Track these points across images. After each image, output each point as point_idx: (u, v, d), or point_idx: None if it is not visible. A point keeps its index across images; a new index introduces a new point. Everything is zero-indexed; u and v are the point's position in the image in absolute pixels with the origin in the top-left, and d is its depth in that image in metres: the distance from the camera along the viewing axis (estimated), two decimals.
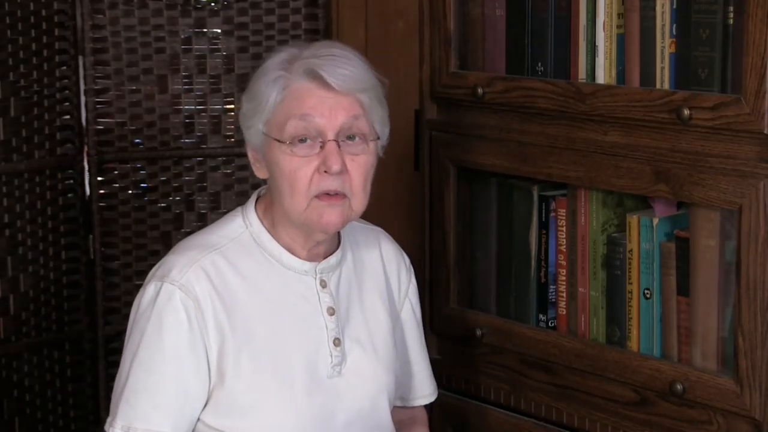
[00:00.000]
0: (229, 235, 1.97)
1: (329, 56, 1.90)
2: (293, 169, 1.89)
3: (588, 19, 2.20)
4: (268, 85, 1.91)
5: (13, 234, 2.73)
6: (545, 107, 2.25)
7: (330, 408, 1.96)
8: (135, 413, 1.89)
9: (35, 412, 2.81)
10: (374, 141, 1.94)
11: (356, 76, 1.90)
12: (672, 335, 2.17)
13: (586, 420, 2.29)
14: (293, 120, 1.88)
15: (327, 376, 1.96)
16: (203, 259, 1.92)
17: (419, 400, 2.20)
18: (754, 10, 1.93)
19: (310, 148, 1.89)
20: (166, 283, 1.90)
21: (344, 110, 1.89)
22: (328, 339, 1.97)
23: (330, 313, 1.98)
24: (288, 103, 1.90)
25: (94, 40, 2.77)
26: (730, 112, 1.98)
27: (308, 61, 1.90)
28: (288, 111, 1.89)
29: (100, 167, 2.81)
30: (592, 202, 2.26)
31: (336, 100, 1.89)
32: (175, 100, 2.85)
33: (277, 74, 1.91)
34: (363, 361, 2.01)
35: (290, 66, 1.91)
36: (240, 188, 2.88)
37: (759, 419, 2.02)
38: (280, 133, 1.89)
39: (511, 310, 2.42)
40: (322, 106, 1.88)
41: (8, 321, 2.74)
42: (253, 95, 1.94)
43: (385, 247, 2.13)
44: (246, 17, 2.85)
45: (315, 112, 1.88)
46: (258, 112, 1.92)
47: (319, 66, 1.89)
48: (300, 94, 1.89)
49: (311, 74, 1.89)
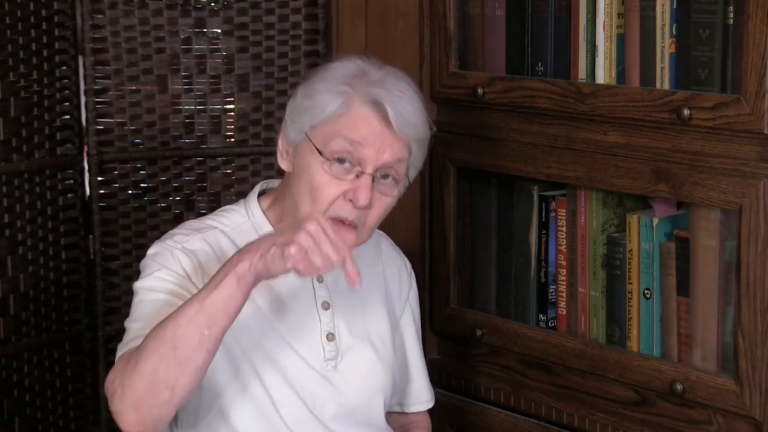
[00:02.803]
0: (230, 224, 1.98)
1: (398, 92, 1.89)
2: (322, 184, 1.88)
3: (588, 19, 2.20)
4: (330, 94, 1.89)
5: (13, 234, 2.72)
6: (545, 107, 2.25)
7: (321, 401, 1.95)
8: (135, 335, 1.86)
9: (35, 412, 2.81)
10: (403, 185, 1.94)
11: (416, 124, 1.91)
12: (672, 335, 2.17)
13: (586, 420, 2.29)
14: (341, 140, 1.87)
15: (320, 370, 1.96)
16: (208, 234, 1.95)
17: (417, 405, 2.20)
18: (754, 10, 1.93)
19: (346, 172, 1.88)
20: (168, 241, 1.94)
21: (393, 150, 1.88)
22: (321, 333, 1.97)
23: (324, 307, 1.98)
24: (343, 121, 1.88)
25: (94, 40, 2.77)
26: (730, 112, 1.98)
27: (375, 91, 1.88)
28: (339, 129, 1.88)
29: (100, 167, 2.81)
30: (592, 202, 2.27)
31: (389, 138, 1.88)
32: (175, 100, 2.85)
33: (342, 88, 1.89)
34: (362, 357, 2.01)
35: (359, 83, 1.89)
36: (240, 188, 2.88)
37: (759, 419, 2.02)
38: (323, 145, 1.88)
39: (511, 310, 2.42)
40: (374, 138, 1.87)
41: (8, 321, 2.73)
42: (312, 95, 1.91)
43: (386, 251, 2.13)
44: (246, 17, 2.85)
45: (365, 142, 1.87)
46: (310, 113, 1.90)
47: (386, 100, 1.87)
48: (357, 118, 1.88)
49: (376, 105, 1.88)
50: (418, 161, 1.96)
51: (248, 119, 2.86)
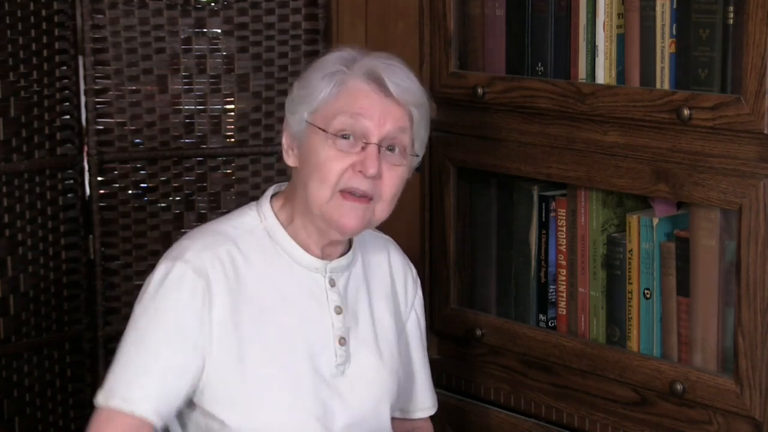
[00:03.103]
0: (243, 227, 1.98)
1: (391, 65, 1.93)
2: (328, 158, 1.89)
3: (588, 19, 2.20)
4: (324, 77, 1.92)
5: (13, 234, 2.72)
6: (545, 107, 2.25)
7: (332, 407, 1.95)
8: (118, 385, 1.88)
9: (35, 412, 2.81)
10: (413, 156, 1.96)
11: (413, 89, 1.94)
12: (672, 335, 2.17)
13: (586, 420, 2.29)
14: (342, 116, 1.89)
15: (330, 375, 1.96)
16: (219, 248, 1.93)
17: (419, 412, 2.19)
18: (754, 10, 1.93)
19: (351, 146, 1.90)
20: (179, 262, 1.91)
21: (394, 119, 1.91)
22: (333, 337, 1.97)
23: (337, 312, 1.98)
24: (341, 98, 1.91)
25: (94, 40, 2.77)
26: (730, 112, 1.98)
27: (371, 62, 1.92)
28: (339, 106, 1.90)
29: (100, 167, 2.81)
30: (592, 202, 2.27)
31: (389, 107, 1.91)
32: (175, 100, 2.84)
33: (336, 68, 1.92)
34: (368, 363, 2.01)
35: (351, 64, 1.93)
36: (240, 188, 2.88)
37: (759, 419, 2.02)
38: (326, 124, 1.90)
39: (511, 310, 2.42)
40: (374, 109, 1.90)
41: (8, 321, 2.73)
42: (306, 83, 1.95)
43: (393, 256, 2.13)
44: (246, 17, 2.84)
45: (366, 114, 1.89)
46: (307, 101, 1.93)
47: (381, 70, 1.91)
48: (355, 92, 1.91)
49: (372, 76, 1.91)
50: (422, 133, 1.98)
51: (248, 119, 2.86)
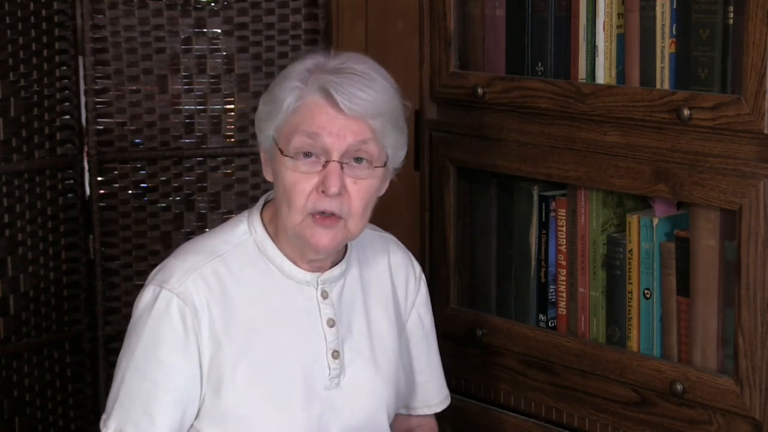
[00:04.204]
0: (233, 241, 1.95)
1: (349, 74, 1.86)
2: (293, 183, 1.87)
3: (588, 19, 2.20)
4: (284, 93, 1.89)
5: (13, 234, 2.73)
6: (545, 107, 2.25)
7: (326, 420, 1.95)
8: (127, 418, 1.90)
9: (35, 412, 2.81)
10: (382, 167, 1.91)
11: (371, 100, 1.86)
12: (672, 335, 2.17)
13: (586, 420, 2.29)
14: (300, 135, 1.86)
15: (324, 388, 1.95)
16: (204, 267, 1.91)
17: (424, 409, 2.19)
18: (754, 10, 1.93)
19: (312, 165, 1.86)
20: (164, 290, 1.89)
21: (353, 133, 1.86)
22: (326, 351, 1.95)
23: (330, 324, 1.96)
24: (299, 115, 1.87)
25: (94, 40, 2.77)
26: (730, 112, 1.98)
27: (325, 77, 1.86)
28: (297, 124, 1.87)
29: (100, 167, 2.81)
30: (592, 202, 2.26)
31: (346, 122, 1.86)
32: (175, 100, 2.85)
33: (294, 84, 1.89)
34: (363, 374, 1.99)
35: (309, 77, 1.88)
36: (240, 188, 2.88)
37: (759, 419, 2.02)
38: (285, 145, 1.88)
39: (511, 310, 2.42)
40: (331, 125, 1.86)
41: (8, 321, 2.74)
42: (271, 99, 1.92)
43: (393, 256, 2.11)
44: (246, 17, 2.85)
45: (323, 131, 1.85)
46: (272, 117, 1.90)
47: (334, 85, 1.85)
48: (311, 109, 1.87)
49: (324, 92, 1.86)
50: (392, 138, 1.91)
51: (248, 119, 2.86)
